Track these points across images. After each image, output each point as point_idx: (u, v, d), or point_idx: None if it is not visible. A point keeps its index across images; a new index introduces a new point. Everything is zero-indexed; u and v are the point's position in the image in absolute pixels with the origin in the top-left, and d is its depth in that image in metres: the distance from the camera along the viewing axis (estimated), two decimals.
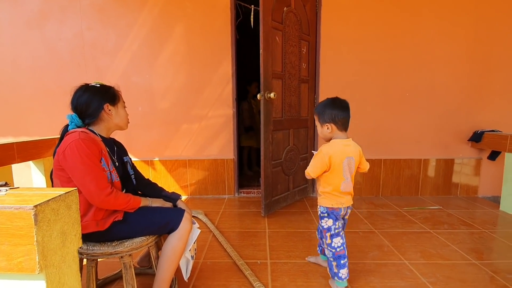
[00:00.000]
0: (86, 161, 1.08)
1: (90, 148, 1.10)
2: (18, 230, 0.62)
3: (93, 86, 1.25)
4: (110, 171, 1.19)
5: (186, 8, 2.75)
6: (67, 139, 1.13)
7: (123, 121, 1.33)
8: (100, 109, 1.23)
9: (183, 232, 1.24)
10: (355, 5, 2.73)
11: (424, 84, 2.83)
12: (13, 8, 2.82)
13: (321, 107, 1.40)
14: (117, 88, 1.33)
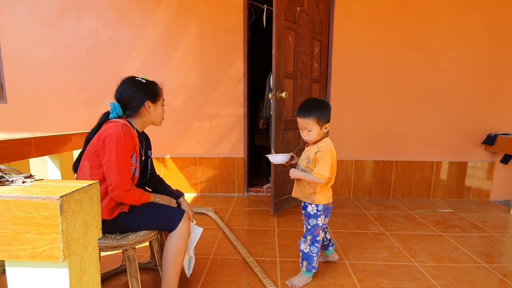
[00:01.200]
0: (120, 156, 1.13)
1: (128, 143, 1.16)
2: (44, 219, 0.65)
3: (139, 81, 1.29)
4: (136, 167, 1.24)
5: (199, 8, 2.78)
6: (109, 126, 1.17)
7: (159, 119, 1.37)
8: (141, 105, 1.27)
9: (182, 231, 1.27)
10: (369, 5, 2.71)
11: (437, 85, 2.78)
12: (31, 6, 2.90)
13: (320, 109, 1.37)
14: (160, 85, 1.36)
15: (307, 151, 1.45)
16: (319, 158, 1.36)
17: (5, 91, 3.03)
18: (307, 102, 1.42)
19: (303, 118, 1.37)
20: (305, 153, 1.46)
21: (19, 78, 2.99)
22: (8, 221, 0.66)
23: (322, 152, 1.35)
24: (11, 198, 0.65)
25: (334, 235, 2.03)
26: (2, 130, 3.06)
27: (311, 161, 1.38)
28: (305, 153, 1.46)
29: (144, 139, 1.40)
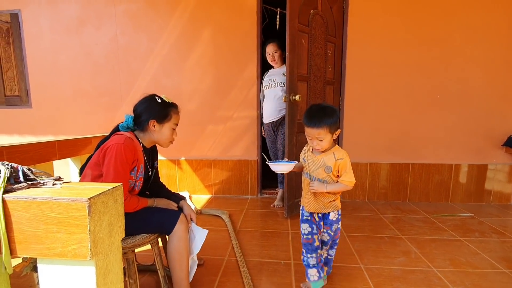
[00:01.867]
0: (118, 167, 1.16)
1: (127, 156, 1.19)
2: (74, 220, 0.69)
3: (154, 100, 1.33)
4: (137, 180, 1.27)
5: (213, 12, 2.83)
6: (113, 138, 1.22)
7: (163, 140, 1.37)
8: (147, 122, 1.31)
9: (179, 233, 1.28)
10: (384, 5, 2.68)
11: (455, 86, 2.71)
12: (54, 15, 3.04)
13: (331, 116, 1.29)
14: (177, 109, 1.39)
15: (320, 160, 1.34)
16: (343, 166, 1.31)
17: (30, 96, 3.19)
18: (316, 110, 1.31)
19: (315, 128, 1.26)
20: (317, 162, 1.35)
21: (43, 84, 3.14)
22: (41, 221, 0.70)
23: (344, 159, 1.31)
24: (44, 199, 0.69)
25: (349, 238, 2.02)
26: (28, 133, 3.22)
27: (332, 170, 1.31)
28: (317, 162, 1.35)
29: (151, 152, 1.44)
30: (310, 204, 1.38)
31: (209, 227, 2.22)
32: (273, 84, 2.55)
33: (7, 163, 0.80)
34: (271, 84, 2.57)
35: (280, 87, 2.52)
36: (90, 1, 2.96)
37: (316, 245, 1.37)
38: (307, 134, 1.31)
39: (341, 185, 1.32)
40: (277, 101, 2.53)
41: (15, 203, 0.71)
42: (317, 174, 1.34)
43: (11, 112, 3.26)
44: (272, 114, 2.58)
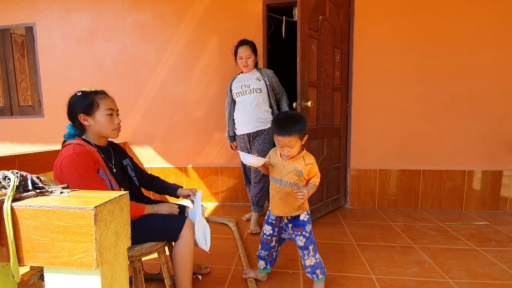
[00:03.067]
0: (83, 174, 1.09)
1: (84, 161, 1.11)
2: (80, 228, 0.69)
3: (74, 96, 1.25)
4: (109, 180, 1.20)
5: (220, 21, 2.87)
6: (62, 153, 1.14)
7: (106, 130, 1.26)
8: (78, 121, 1.23)
9: (186, 240, 1.26)
10: (390, 10, 2.67)
11: (467, 91, 2.66)
12: (66, 27, 3.14)
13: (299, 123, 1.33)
14: (102, 94, 1.27)
15: (291, 165, 1.38)
16: (313, 170, 1.39)
17: (42, 106, 3.27)
18: (284, 118, 1.34)
19: (286, 137, 1.30)
20: (288, 167, 1.38)
21: (55, 94, 3.22)
22: (48, 229, 0.70)
23: (313, 163, 1.39)
24: (51, 208, 0.70)
25: (359, 247, 1.97)
26: (40, 142, 3.29)
27: (303, 174, 1.37)
28: (287, 167, 1.38)
29: (112, 151, 1.35)
30: (280, 209, 1.42)
31: (216, 235, 2.20)
32: (248, 90, 2.24)
33: (17, 171, 0.81)
34: (245, 91, 2.25)
35: (256, 93, 2.22)
36: (100, 14, 3.05)
37: (272, 245, 1.50)
38: (278, 142, 1.35)
39: (315, 186, 1.39)
40: (253, 109, 2.22)
41: (23, 211, 0.71)
42: (288, 178, 1.38)
43: (24, 122, 3.35)
44: (248, 124, 2.25)
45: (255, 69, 2.33)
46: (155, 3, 2.96)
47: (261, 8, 2.79)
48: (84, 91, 1.26)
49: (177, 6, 2.92)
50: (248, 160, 1.40)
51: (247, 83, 2.27)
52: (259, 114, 2.24)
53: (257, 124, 2.24)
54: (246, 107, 2.25)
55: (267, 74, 2.29)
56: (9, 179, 0.77)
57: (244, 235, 2.20)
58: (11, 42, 3.27)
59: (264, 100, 2.26)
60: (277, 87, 2.32)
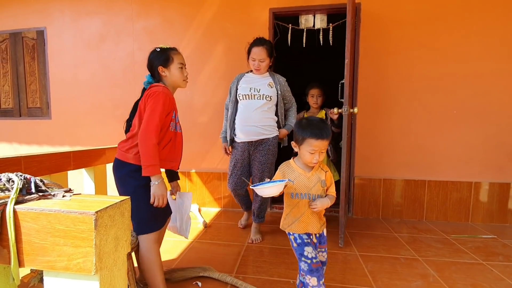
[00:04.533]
0: (159, 108, 1.29)
1: (165, 100, 1.31)
2: (80, 233, 0.69)
3: (154, 51, 1.46)
4: (176, 123, 1.43)
5: (227, 28, 2.91)
6: (153, 87, 1.34)
7: (178, 81, 1.47)
8: (157, 72, 1.43)
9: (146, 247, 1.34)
10: (395, 21, 2.67)
11: (473, 100, 2.63)
12: (76, 32, 3.20)
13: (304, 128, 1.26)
14: (175, 51, 1.46)
15: (314, 175, 1.27)
16: (330, 177, 1.30)
17: (50, 108, 3.32)
18: (318, 122, 1.25)
19: (325, 140, 1.20)
20: (312, 178, 1.27)
21: (63, 97, 3.27)
22: (49, 233, 0.71)
23: (329, 171, 1.32)
24: (53, 211, 0.70)
25: (361, 258, 1.93)
26: (46, 143, 3.34)
27: (326, 183, 1.28)
28: (312, 178, 1.27)
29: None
30: (314, 225, 1.28)
31: (217, 241, 2.19)
32: (257, 95, 2.06)
33: (21, 174, 0.81)
34: (253, 95, 2.07)
35: (265, 100, 2.06)
36: (110, 19, 3.11)
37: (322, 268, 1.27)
38: (312, 147, 1.20)
39: (333, 198, 1.29)
40: (259, 116, 2.06)
41: (25, 214, 0.72)
42: (315, 191, 1.27)
43: (32, 123, 3.40)
44: (251, 131, 2.08)
45: (268, 73, 2.16)
46: (164, 9, 3.01)
47: (268, 16, 2.81)
48: (162, 47, 1.45)
49: (186, 13, 2.97)
50: (268, 192, 1.19)
51: (258, 87, 2.08)
52: (264, 122, 2.08)
53: (261, 131, 2.08)
54: (252, 112, 2.06)
55: (279, 82, 2.15)
56: (13, 181, 0.78)
57: (245, 242, 2.19)
58: (22, 45, 3.35)
59: (272, 108, 2.12)
60: (288, 96, 2.21)
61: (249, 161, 2.19)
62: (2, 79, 3.47)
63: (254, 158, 2.15)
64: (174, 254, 1.98)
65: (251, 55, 2.10)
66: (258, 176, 2.16)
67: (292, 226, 1.30)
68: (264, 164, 2.13)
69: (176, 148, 1.45)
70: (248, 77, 2.17)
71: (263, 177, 2.16)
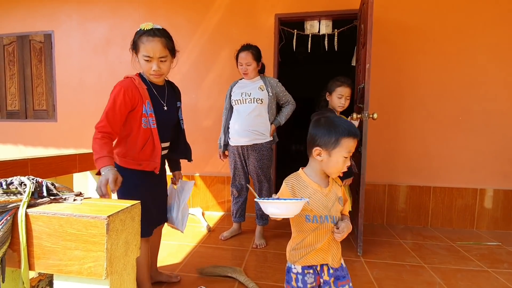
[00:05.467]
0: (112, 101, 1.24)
1: (124, 94, 1.23)
2: (92, 237, 0.69)
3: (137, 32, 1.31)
4: (148, 117, 1.28)
5: (232, 33, 2.93)
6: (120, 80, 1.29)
7: (146, 73, 1.32)
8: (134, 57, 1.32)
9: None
10: (401, 28, 2.68)
11: (479, 107, 2.62)
12: (83, 36, 3.24)
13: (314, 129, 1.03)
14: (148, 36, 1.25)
15: (332, 191, 1.01)
16: (344, 191, 1.07)
17: (56, 110, 3.35)
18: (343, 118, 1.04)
19: (357, 139, 0.98)
20: (331, 195, 1.00)
21: (69, 99, 3.30)
22: (60, 237, 0.71)
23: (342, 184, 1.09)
24: (65, 215, 0.70)
25: (367, 264, 1.92)
26: (51, 145, 3.36)
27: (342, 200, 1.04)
28: (330, 195, 1.00)
29: (167, 90, 1.42)
30: (335, 256, 1.01)
31: (221, 245, 2.18)
32: (248, 99, 2.11)
33: (33, 177, 0.82)
34: (245, 99, 2.11)
35: (256, 103, 2.09)
36: (116, 23, 3.14)
37: None
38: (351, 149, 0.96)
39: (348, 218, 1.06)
40: (251, 120, 2.10)
41: (37, 218, 0.72)
42: (335, 211, 0.99)
43: (37, 125, 3.43)
44: (243, 135, 2.11)
45: (259, 77, 2.19)
46: (171, 14, 3.04)
47: (273, 22, 2.83)
48: (142, 27, 1.27)
49: (192, 18, 2.99)
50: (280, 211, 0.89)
51: (248, 91, 2.12)
52: (257, 126, 2.10)
53: (254, 136, 2.10)
54: (244, 116, 2.11)
55: (271, 84, 2.16)
56: (25, 185, 0.78)
57: (249, 246, 2.18)
58: (30, 48, 3.39)
59: (264, 112, 2.13)
60: (283, 96, 2.20)
61: (245, 164, 2.23)
62: (9, 81, 3.50)
63: (249, 163, 2.20)
64: (178, 258, 1.97)
65: (239, 60, 2.16)
66: (256, 179, 2.21)
67: (306, 257, 1.00)
68: (260, 168, 2.16)
69: (155, 146, 1.31)
70: (241, 83, 2.23)
71: (261, 182, 2.19)
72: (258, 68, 2.17)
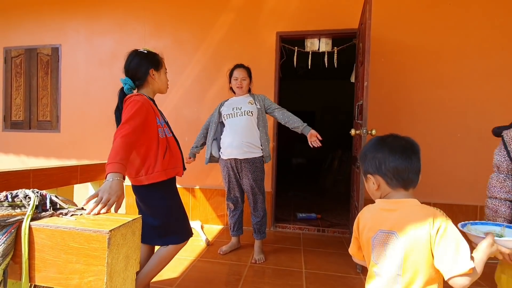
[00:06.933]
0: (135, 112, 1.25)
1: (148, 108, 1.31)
2: (93, 251, 0.70)
3: (141, 52, 1.42)
4: (163, 127, 1.39)
5: (235, 49, 3.01)
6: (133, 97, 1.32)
7: (164, 86, 1.50)
8: (147, 73, 1.40)
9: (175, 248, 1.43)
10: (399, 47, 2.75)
11: (476, 124, 2.64)
12: (90, 50, 3.33)
13: (363, 150, 0.94)
14: (161, 55, 1.48)
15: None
16: None
17: (60, 121, 3.40)
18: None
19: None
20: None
21: (73, 111, 3.35)
22: (62, 250, 0.72)
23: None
24: (67, 229, 0.72)
25: None
26: (53, 156, 3.38)
27: None
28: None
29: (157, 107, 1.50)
30: None
31: (220, 260, 2.17)
32: (239, 112, 2.17)
33: (37, 190, 0.84)
34: (236, 113, 2.18)
35: (247, 116, 2.16)
36: (123, 38, 3.23)
37: None
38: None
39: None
40: (244, 132, 2.14)
41: (40, 230, 0.74)
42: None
43: (40, 136, 3.47)
44: (237, 147, 2.14)
45: (248, 94, 2.31)
46: (176, 30, 3.13)
47: (275, 39, 2.91)
48: (149, 50, 1.44)
49: (196, 34, 3.08)
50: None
51: (239, 105, 2.21)
52: (249, 138, 2.15)
53: (246, 149, 2.14)
54: (236, 129, 2.16)
55: (259, 98, 2.26)
56: (29, 198, 0.80)
57: (248, 261, 2.16)
58: (37, 60, 3.47)
59: (255, 123, 2.19)
60: (271, 104, 2.27)
61: (239, 177, 2.25)
62: (15, 92, 3.57)
63: (243, 176, 2.21)
64: (176, 272, 1.96)
65: (233, 76, 2.28)
66: (250, 192, 2.22)
67: None
68: (254, 181, 2.18)
69: (173, 153, 1.42)
70: (231, 100, 2.32)
71: (255, 195, 2.23)
72: (250, 85, 2.31)
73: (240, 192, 2.31)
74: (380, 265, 0.80)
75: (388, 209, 0.84)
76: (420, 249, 0.75)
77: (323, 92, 7.00)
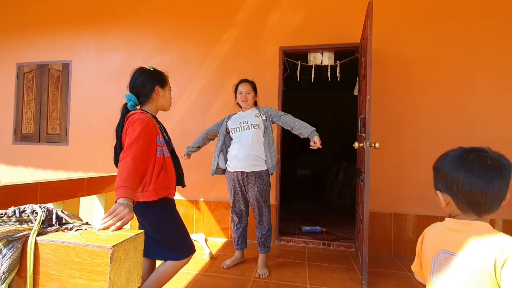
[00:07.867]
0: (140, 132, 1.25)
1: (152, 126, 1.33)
2: (96, 266, 0.71)
3: (148, 70, 1.46)
4: (162, 147, 1.39)
5: (239, 64, 3.07)
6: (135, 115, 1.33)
7: (167, 103, 1.53)
8: (152, 90, 1.43)
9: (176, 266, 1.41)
10: (402, 59, 2.77)
11: (481, 135, 2.62)
12: (99, 65, 3.43)
13: (439, 160, 0.87)
14: (166, 73, 1.53)
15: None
16: None
17: (68, 134, 3.47)
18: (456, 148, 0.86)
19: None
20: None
21: (81, 124, 3.43)
22: (66, 265, 0.74)
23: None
24: (72, 244, 0.74)
25: None
26: (61, 168, 3.44)
27: None
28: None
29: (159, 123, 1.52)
30: None
31: (222, 274, 2.14)
32: (246, 126, 2.21)
33: (44, 205, 0.86)
34: (243, 127, 2.22)
35: (254, 129, 2.19)
36: (131, 54, 3.34)
37: None
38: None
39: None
40: (250, 145, 2.17)
41: (46, 245, 0.76)
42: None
43: (49, 148, 3.54)
44: (243, 160, 2.16)
45: (254, 107, 2.34)
46: (181, 46, 3.22)
47: (278, 53, 2.97)
48: (154, 68, 1.48)
49: (201, 50, 3.17)
50: None
51: (246, 119, 2.25)
52: (255, 151, 2.17)
53: (253, 162, 2.16)
54: (243, 142, 2.19)
55: (265, 111, 2.28)
56: (36, 213, 0.83)
57: (252, 276, 2.13)
58: (48, 76, 3.59)
59: (261, 136, 2.21)
60: (277, 112, 2.27)
61: (244, 190, 2.25)
62: (26, 106, 3.68)
63: (249, 188, 2.21)
64: (179, 286, 1.94)
65: (239, 90, 2.31)
66: (256, 205, 2.22)
67: None
68: (260, 194, 2.18)
69: (168, 173, 1.41)
70: (238, 114, 2.36)
71: (261, 208, 2.23)
72: (255, 99, 2.34)
73: (245, 205, 2.31)
74: (439, 287, 0.77)
75: (455, 229, 0.79)
76: (484, 277, 0.69)
77: (328, 103, 7.03)
